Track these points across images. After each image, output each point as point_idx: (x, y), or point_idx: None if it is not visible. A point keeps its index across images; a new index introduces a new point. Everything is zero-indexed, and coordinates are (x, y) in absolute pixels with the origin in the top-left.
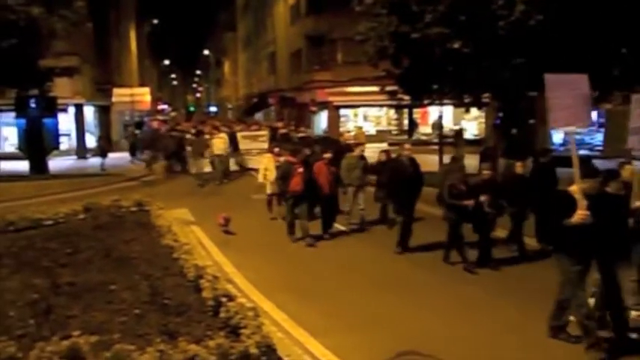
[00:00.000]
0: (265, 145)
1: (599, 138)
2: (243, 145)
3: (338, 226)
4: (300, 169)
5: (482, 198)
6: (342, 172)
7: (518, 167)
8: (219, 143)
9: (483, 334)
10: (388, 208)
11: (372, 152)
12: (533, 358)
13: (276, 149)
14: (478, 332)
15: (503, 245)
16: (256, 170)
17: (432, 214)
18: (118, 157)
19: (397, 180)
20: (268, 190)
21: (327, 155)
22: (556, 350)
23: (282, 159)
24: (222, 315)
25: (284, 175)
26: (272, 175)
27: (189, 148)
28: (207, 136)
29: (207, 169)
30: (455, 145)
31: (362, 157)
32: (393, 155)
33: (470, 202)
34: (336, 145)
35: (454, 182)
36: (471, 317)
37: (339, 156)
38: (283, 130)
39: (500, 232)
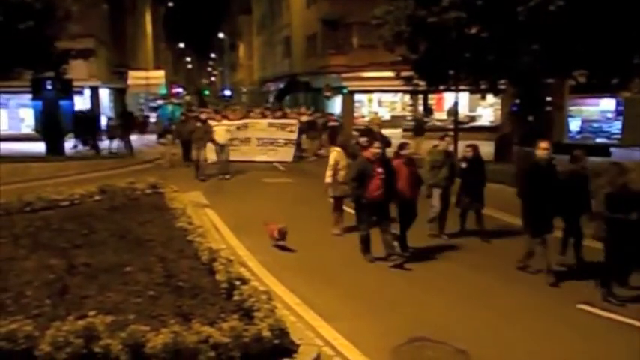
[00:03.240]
0: (294, 136)
1: (617, 126)
2: (268, 134)
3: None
4: (380, 169)
5: None
6: (424, 171)
7: None
8: (221, 132)
9: (497, 321)
10: (482, 216)
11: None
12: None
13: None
14: (492, 319)
15: None
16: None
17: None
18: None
19: (537, 189)
20: (337, 192)
21: (406, 152)
22: (571, 341)
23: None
24: (235, 298)
25: (360, 174)
26: (344, 173)
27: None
28: (212, 123)
29: (212, 157)
30: None
31: (449, 154)
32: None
33: (634, 216)
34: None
35: (614, 191)
36: (488, 304)
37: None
38: (308, 118)
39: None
